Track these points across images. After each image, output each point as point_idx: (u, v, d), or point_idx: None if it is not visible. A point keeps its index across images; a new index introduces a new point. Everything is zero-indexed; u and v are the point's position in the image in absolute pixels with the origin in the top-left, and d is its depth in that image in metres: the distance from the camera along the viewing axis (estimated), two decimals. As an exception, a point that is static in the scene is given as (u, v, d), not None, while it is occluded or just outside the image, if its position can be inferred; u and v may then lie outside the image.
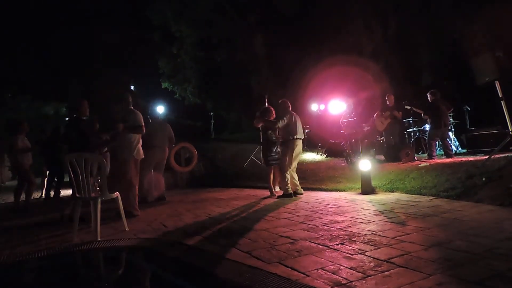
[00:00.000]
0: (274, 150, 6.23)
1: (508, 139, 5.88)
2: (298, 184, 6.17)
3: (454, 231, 3.10)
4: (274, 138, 6.23)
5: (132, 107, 5.21)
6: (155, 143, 6.48)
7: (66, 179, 8.21)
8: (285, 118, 5.91)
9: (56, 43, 25.48)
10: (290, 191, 5.95)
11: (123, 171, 5.00)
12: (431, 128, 8.63)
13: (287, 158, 5.98)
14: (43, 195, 8.51)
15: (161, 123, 6.86)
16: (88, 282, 2.87)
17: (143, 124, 5.16)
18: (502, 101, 5.85)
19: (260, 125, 6.40)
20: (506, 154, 6.00)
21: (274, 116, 6.21)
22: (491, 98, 6.51)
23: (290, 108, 6.16)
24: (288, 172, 5.96)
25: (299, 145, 6.10)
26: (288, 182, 5.96)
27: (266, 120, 6.09)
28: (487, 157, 5.95)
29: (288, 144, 6.03)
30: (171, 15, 19.68)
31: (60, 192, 7.99)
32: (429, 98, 8.40)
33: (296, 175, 6.25)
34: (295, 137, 5.99)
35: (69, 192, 8.01)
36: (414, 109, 9.10)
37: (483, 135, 8.60)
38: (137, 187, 5.26)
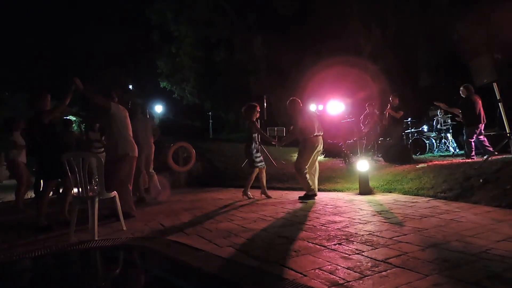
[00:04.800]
0: (258, 153, 6.09)
1: (506, 141, 5.91)
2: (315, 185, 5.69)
3: (451, 232, 3.11)
4: (258, 140, 6.16)
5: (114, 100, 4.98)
6: (139, 141, 6.32)
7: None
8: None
9: (55, 42, 25.44)
10: (313, 191, 5.57)
11: (114, 169, 4.71)
12: (466, 126, 7.43)
13: (303, 157, 5.63)
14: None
15: (143, 119, 6.71)
16: (85, 282, 2.86)
17: (101, 103, 4.84)
18: (499, 103, 5.87)
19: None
20: (504, 156, 6.02)
21: (258, 114, 6.19)
22: (489, 99, 6.54)
23: (301, 105, 5.94)
24: (305, 171, 5.59)
25: (317, 142, 5.66)
26: (309, 180, 5.60)
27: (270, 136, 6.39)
28: (484, 158, 5.97)
29: (305, 144, 5.66)
30: (170, 15, 19.70)
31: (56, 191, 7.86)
32: (461, 93, 7.48)
33: (314, 176, 5.79)
34: (314, 135, 5.64)
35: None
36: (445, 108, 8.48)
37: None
38: (131, 186, 5.10)
